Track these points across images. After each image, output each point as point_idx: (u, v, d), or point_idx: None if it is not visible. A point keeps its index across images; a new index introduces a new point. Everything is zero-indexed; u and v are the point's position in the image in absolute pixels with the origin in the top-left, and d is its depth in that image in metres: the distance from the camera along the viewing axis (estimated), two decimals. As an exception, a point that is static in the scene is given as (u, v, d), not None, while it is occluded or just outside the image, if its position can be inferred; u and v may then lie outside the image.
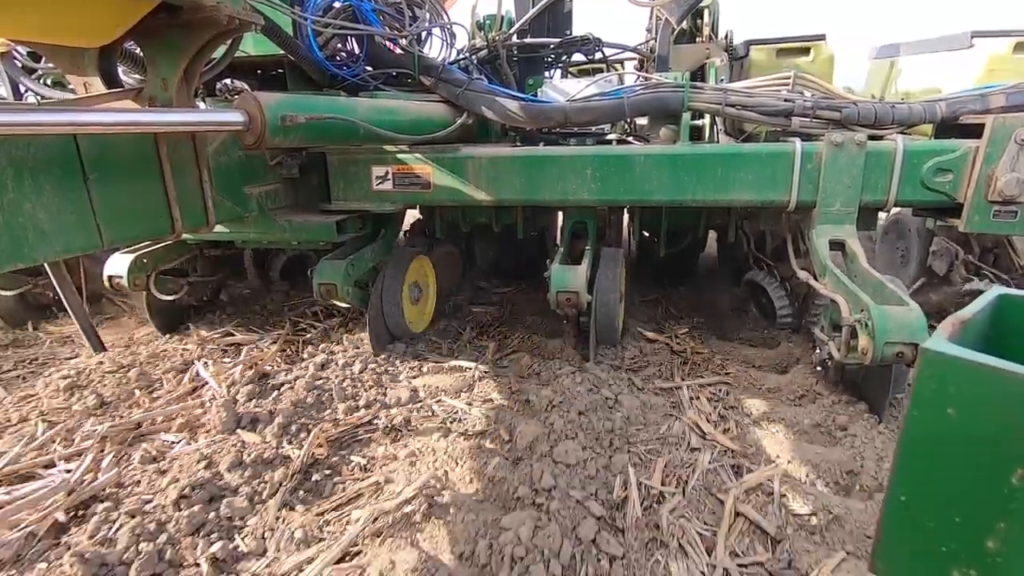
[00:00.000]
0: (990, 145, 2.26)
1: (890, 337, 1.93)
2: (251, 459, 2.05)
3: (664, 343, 3.14)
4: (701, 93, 2.65)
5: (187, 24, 1.84)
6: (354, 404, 2.51)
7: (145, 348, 3.15)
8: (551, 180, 2.69)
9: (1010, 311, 0.87)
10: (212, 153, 2.28)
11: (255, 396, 2.56)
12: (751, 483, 1.94)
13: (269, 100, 1.86)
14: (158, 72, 1.96)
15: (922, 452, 0.67)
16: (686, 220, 3.45)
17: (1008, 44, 3.87)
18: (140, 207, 1.91)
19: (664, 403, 2.49)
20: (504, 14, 3.48)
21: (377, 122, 2.32)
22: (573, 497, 1.83)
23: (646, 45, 3.63)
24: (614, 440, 2.19)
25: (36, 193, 1.53)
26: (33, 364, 3.09)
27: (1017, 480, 0.59)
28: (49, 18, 1.67)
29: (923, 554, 0.65)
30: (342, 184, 2.90)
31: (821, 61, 3.66)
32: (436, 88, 2.91)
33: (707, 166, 2.55)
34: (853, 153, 2.40)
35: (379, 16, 2.86)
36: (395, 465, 2.09)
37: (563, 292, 2.64)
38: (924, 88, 4.37)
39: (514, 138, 3.33)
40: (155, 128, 1.79)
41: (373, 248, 3.17)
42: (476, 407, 2.47)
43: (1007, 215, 2.30)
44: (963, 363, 0.65)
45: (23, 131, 1.37)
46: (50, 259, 1.64)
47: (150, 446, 2.20)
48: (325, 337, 3.29)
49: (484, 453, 2.13)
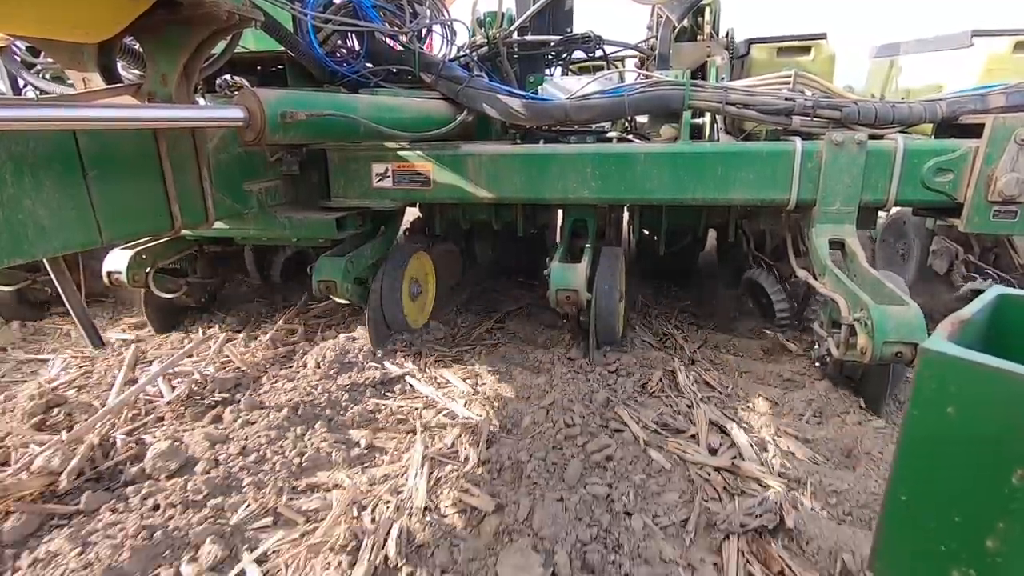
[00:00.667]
0: (990, 145, 2.26)
1: (889, 336, 1.94)
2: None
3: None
4: (702, 91, 2.65)
5: (187, 20, 1.83)
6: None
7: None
8: (551, 178, 2.68)
9: (1010, 311, 0.87)
10: (212, 149, 2.28)
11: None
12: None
13: (269, 96, 1.85)
14: (158, 68, 1.95)
15: (922, 452, 0.67)
16: (686, 219, 3.45)
17: (1008, 43, 3.86)
18: (140, 203, 1.90)
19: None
20: (505, 11, 3.47)
21: (377, 119, 2.31)
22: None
23: (647, 43, 3.62)
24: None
25: (36, 189, 1.53)
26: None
27: (1017, 480, 0.59)
28: (48, 13, 1.66)
29: (923, 553, 0.65)
30: (342, 181, 2.90)
31: (822, 60, 3.66)
32: (436, 85, 2.91)
33: (707, 165, 2.55)
34: (853, 152, 2.40)
35: (379, 12, 2.85)
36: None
37: (563, 290, 2.64)
38: (925, 85, 4.37)
39: (514, 136, 3.33)
40: (155, 124, 1.79)
41: (373, 245, 3.17)
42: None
43: (1007, 215, 2.30)
44: (963, 363, 0.65)
45: (22, 127, 1.36)
46: (49, 255, 1.64)
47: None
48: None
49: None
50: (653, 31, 3.50)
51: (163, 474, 1.97)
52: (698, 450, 2.10)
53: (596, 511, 1.73)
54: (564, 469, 1.95)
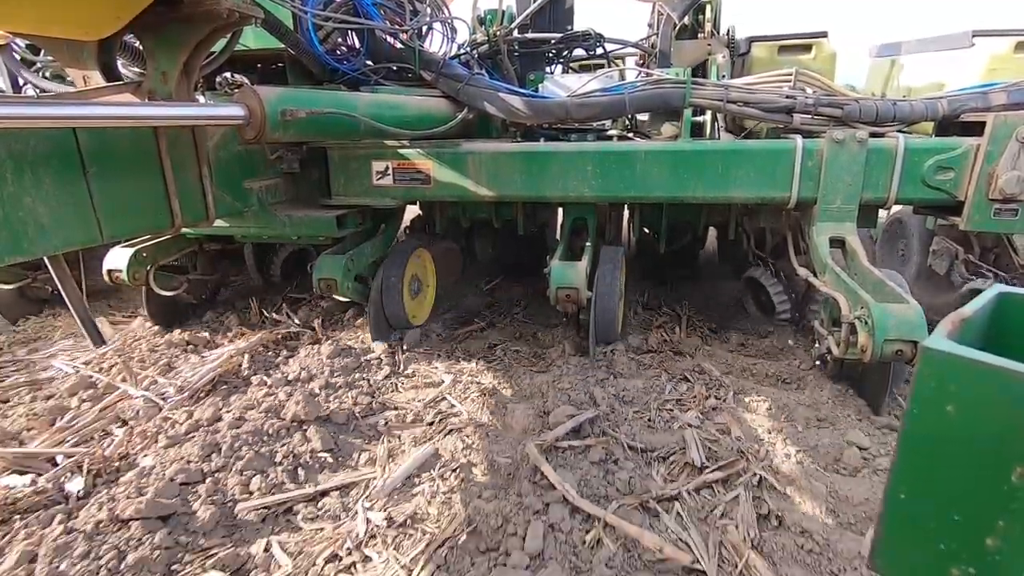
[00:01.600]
0: (991, 143, 2.25)
1: (890, 335, 1.94)
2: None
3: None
4: (703, 89, 2.65)
5: (187, 17, 1.83)
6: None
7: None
8: (552, 176, 2.68)
9: (1010, 309, 0.87)
10: (212, 147, 2.28)
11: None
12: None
13: (269, 94, 1.85)
14: (158, 66, 1.95)
15: (922, 450, 0.67)
16: (686, 217, 3.45)
17: (1009, 44, 3.86)
18: (140, 201, 1.90)
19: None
20: (505, 9, 3.47)
21: (378, 117, 2.31)
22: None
23: (647, 41, 3.61)
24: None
25: (36, 187, 1.53)
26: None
27: (1017, 478, 0.59)
28: (48, 10, 1.66)
29: (923, 552, 0.65)
30: (342, 179, 2.90)
31: (823, 58, 3.65)
32: (437, 83, 2.90)
33: (708, 163, 2.54)
34: (854, 150, 2.40)
35: (380, 10, 2.84)
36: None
37: (563, 288, 2.64)
38: (927, 83, 4.36)
39: (515, 134, 3.33)
40: (155, 122, 1.78)
41: (373, 243, 3.17)
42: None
43: (1008, 213, 2.30)
44: (963, 361, 0.65)
45: (22, 124, 1.36)
46: (50, 253, 1.65)
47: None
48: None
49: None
50: (654, 29, 3.50)
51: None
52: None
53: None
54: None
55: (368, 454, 2.16)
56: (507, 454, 2.10)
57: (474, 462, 2.07)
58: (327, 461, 2.09)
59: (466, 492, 1.90)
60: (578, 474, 1.92)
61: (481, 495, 1.87)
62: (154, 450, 2.11)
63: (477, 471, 2.03)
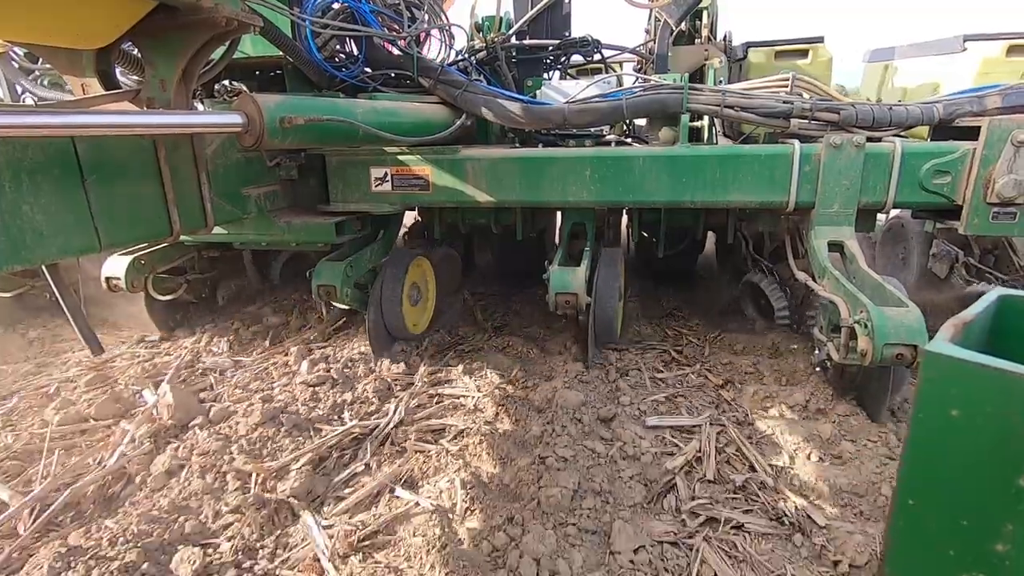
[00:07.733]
0: (987, 147, 2.26)
1: (890, 339, 1.93)
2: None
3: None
4: (700, 94, 2.65)
5: (185, 25, 1.83)
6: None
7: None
8: (550, 181, 2.68)
9: (1011, 312, 0.87)
10: (211, 155, 2.27)
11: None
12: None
13: (268, 102, 1.85)
14: (156, 73, 1.94)
15: (928, 455, 0.66)
16: (685, 221, 3.45)
17: (1001, 47, 3.88)
18: (138, 209, 1.89)
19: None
20: (503, 15, 3.48)
21: (376, 123, 2.31)
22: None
23: (645, 46, 3.63)
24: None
25: (34, 195, 1.52)
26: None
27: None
28: (47, 19, 1.66)
29: (932, 559, 0.64)
30: (341, 185, 2.90)
31: (819, 63, 3.66)
32: (435, 89, 2.91)
33: (706, 167, 2.55)
34: (852, 155, 2.41)
35: (378, 17, 2.85)
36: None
37: (562, 294, 2.63)
38: (921, 84, 4.39)
39: (513, 139, 3.33)
40: (153, 130, 1.78)
41: (372, 249, 3.16)
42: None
43: (1006, 216, 2.30)
44: (966, 365, 0.64)
45: (20, 133, 1.36)
46: (48, 261, 1.63)
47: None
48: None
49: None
50: (651, 34, 3.51)
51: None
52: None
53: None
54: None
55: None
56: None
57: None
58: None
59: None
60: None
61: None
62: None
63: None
